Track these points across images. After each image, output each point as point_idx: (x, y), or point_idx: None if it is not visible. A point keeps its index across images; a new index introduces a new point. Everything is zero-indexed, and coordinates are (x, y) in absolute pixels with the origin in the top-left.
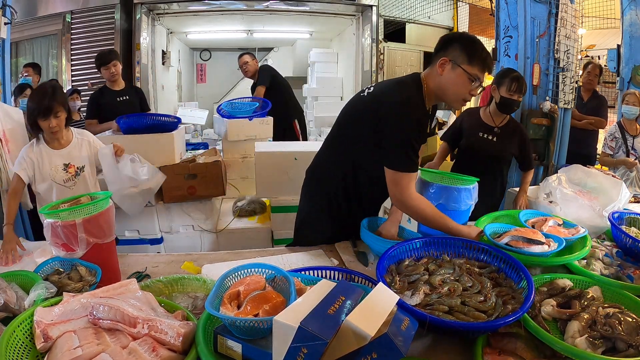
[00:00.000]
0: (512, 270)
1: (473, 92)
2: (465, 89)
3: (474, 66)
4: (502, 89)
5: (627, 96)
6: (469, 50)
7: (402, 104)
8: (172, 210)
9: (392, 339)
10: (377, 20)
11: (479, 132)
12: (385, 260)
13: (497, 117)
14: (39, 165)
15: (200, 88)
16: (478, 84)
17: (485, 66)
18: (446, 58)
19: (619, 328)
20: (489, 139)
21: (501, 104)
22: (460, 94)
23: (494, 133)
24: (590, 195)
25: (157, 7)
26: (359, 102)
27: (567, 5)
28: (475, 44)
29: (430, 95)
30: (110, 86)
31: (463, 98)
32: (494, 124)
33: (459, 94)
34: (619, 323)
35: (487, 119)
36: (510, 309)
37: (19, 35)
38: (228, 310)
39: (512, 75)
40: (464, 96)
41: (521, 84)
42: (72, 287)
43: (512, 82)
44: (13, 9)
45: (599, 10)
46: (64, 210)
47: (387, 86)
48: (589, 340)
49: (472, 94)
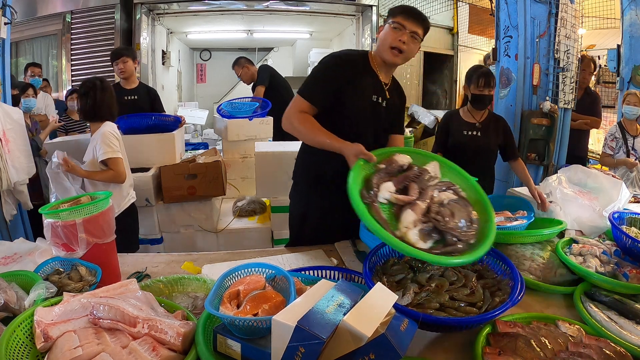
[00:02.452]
0: (493, 260)
1: (401, 38)
2: (390, 37)
3: (396, 16)
4: (472, 87)
5: (628, 96)
6: (394, 8)
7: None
8: (172, 210)
9: (390, 340)
10: (377, 20)
11: (462, 131)
12: (368, 262)
13: (477, 114)
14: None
15: (200, 88)
16: (403, 30)
17: (404, 12)
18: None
19: (450, 222)
20: (473, 135)
21: (473, 101)
22: (388, 42)
23: (477, 128)
24: (590, 195)
25: (157, 7)
26: None
27: (567, 5)
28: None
29: (376, 59)
30: (123, 84)
31: (391, 46)
32: (475, 120)
33: (387, 43)
34: (451, 214)
35: (467, 116)
36: (499, 300)
37: (19, 35)
38: (227, 309)
39: (480, 71)
40: (392, 44)
41: (489, 79)
42: (72, 287)
43: (479, 79)
44: (13, 9)
45: (599, 10)
46: (64, 210)
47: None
48: (421, 232)
49: (401, 40)
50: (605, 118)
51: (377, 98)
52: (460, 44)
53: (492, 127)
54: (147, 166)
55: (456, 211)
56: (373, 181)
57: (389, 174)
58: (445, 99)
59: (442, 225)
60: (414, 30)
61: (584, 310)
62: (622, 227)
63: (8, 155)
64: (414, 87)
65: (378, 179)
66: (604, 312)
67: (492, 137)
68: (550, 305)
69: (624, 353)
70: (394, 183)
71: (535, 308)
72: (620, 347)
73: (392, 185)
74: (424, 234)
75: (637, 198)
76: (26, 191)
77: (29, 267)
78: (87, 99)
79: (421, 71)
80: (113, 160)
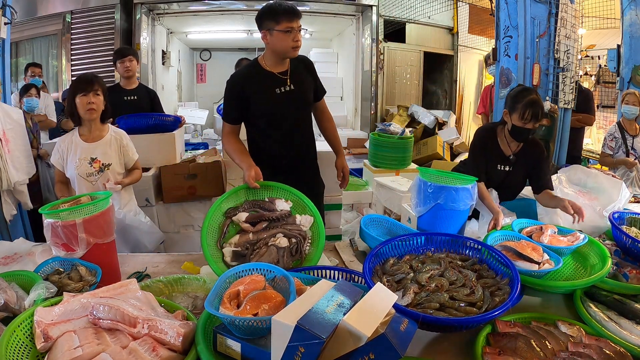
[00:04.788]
0: (494, 260)
1: (295, 38)
2: (286, 41)
3: (280, 22)
4: (514, 116)
5: (627, 96)
6: (269, 15)
7: (230, 76)
8: (172, 210)
9: (389, 340)
10: (377, 20)
11: (497, 165)
12: (369, 262)
13: (513, 142)
14: (66, 154)
15: (200, 88)
16: (294, 31)
17: (287, 13)
18: (263, 31)
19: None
20: (504, 170)
21: (513, 132)
22: (288, 45)
23: (509, 162)
24: (590, 195)
25: (157, 7)
26: None
27: (567, 5)
28: (271, 6)
29: (269, 60)
30: (123, 84)
31: (292, 47)
32: (510, 151)
33: (287, 47)
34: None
35: (504, 144)
36: (498, 300)
37: (19, 35)
38: (227, 309)
39: (526, 100)
40: (292, 45)
41: (537, 110)
42: (72, 287)
43: (525, 109)
44: (13, 9)
45: (599, 10)
46: (64, 210)
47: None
48: (234, 252)
49: (296, 39)
50: (605, 118)
51: (280, 89)
52: (460, 44)
53: (525, 157)
54: (147, 166)
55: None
56: (241, 206)
57: (253, 205)
58: (445, 99)
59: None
60: (299, 25)
61: (584, 310)
62: (622, 227)
63: (8, 155)
64: (414, 87)
65: (243, 207)
66: (604, 312)
67: (521, 172)
68: (550, 305)
69: (624, 353)
70: (247, 216)
71: (535, 308)
72: (620, 347)
73: (245, 215)
74: (236, 254)
75: (637, 198)
76: (26, 191)
77: (29, 267)
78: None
79: (421, 71)
80: (137, 160)
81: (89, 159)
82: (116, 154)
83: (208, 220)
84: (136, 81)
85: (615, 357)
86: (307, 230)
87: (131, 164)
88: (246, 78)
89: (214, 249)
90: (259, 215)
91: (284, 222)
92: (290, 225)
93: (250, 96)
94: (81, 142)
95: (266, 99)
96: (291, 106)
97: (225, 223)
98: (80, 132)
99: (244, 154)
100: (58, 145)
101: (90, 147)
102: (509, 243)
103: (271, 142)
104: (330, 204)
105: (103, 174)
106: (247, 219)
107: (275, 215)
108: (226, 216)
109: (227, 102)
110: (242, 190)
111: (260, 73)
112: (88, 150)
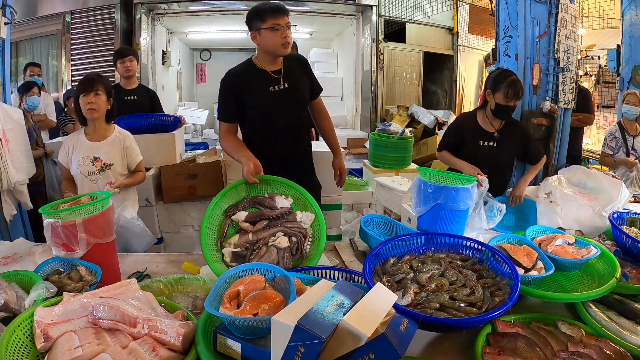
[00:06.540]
0: (494, 260)
1: (284, 34)
2: (275, 39)
3: (266, 20)
4: (497, 95)
5: (628, 96)
6: (255, 15)
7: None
8: (172, 210)
9: (389, 340)
10: (377, 20)
11: (479, 141)
12: (369, 262)
13: (496, 121)
14: (72, 152)
15: (200, 88)
16: (282, 28)
17: (272, 11)
18: (252, 32)
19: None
20: (489, 146)
21: (497, 111)
22: (278, 43)
23: (494, 138)
24: (590, 196)
25: (157, 7)
26: None
27: (567, 5)
28: (257, 6)
29: (262, 59)
30: (123, 84)
31: (282, 44)
32: (493, 129)
33: (277, 44)
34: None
35: (485, 124)
36: (498, 300)
37: (19, 35)
38: (227, 309)
39: (508, 80)
40: (281, 42)
41: (517, 89)
42: (72, 287)
43: (508, 89)
44: (13, 9)
45: (599, 10)
46: (64, 210)
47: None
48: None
49: (285, 36)
50: (605, 118)
51: (274, 88)
52: (460, 44)
53: (510, 136)
54: (147, 166)
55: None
56: (240, 204)
57: (252, 202)
58: (445, 99)
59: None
60: (287, 22)
61: (584, 310)
62: (622, 227)
63: (8, 155)
64: (414, 87)
65: (242, 205)
66: (604, 312)
67: (509, 147)
68: (550, 305)
69: (624, 353)
70: (247, 215)
71: (535, 308)
72: (620, 347)
73: (244, 214)
74: (235, 254)
75: (637, 198)
76: (26, 191)
77: (29, 267)
78: (112, 99)
79: (421, 71)
80: (141, 161)
81: (92, 157)
82: (119, 154)
83: (207, 220)
84: (136, 81)
85: (615, 357)
86: (308, 227)
87: (134, 166)
88: (240, 75)
89: (213, 249)
90: (258, 213)
91: (284, 220)
92: (290, 222)
93: (244, 93)
94: (86, 141)
95: (260, 97)
96: (285, 105)
97: (225, 223)
98: (86, 131)
99: (242, 148)
100: (65, 143)
101: (94, 146)
102: (504, 245)
103: (266, 141)
104: (330, 204)
105: (104, 173)
106: (246, 218)
107: (276, 213)
108: (226, 215)
109: (222, 100)
110: (242, 186)
111: (253, 71)
112: (91, 149)
